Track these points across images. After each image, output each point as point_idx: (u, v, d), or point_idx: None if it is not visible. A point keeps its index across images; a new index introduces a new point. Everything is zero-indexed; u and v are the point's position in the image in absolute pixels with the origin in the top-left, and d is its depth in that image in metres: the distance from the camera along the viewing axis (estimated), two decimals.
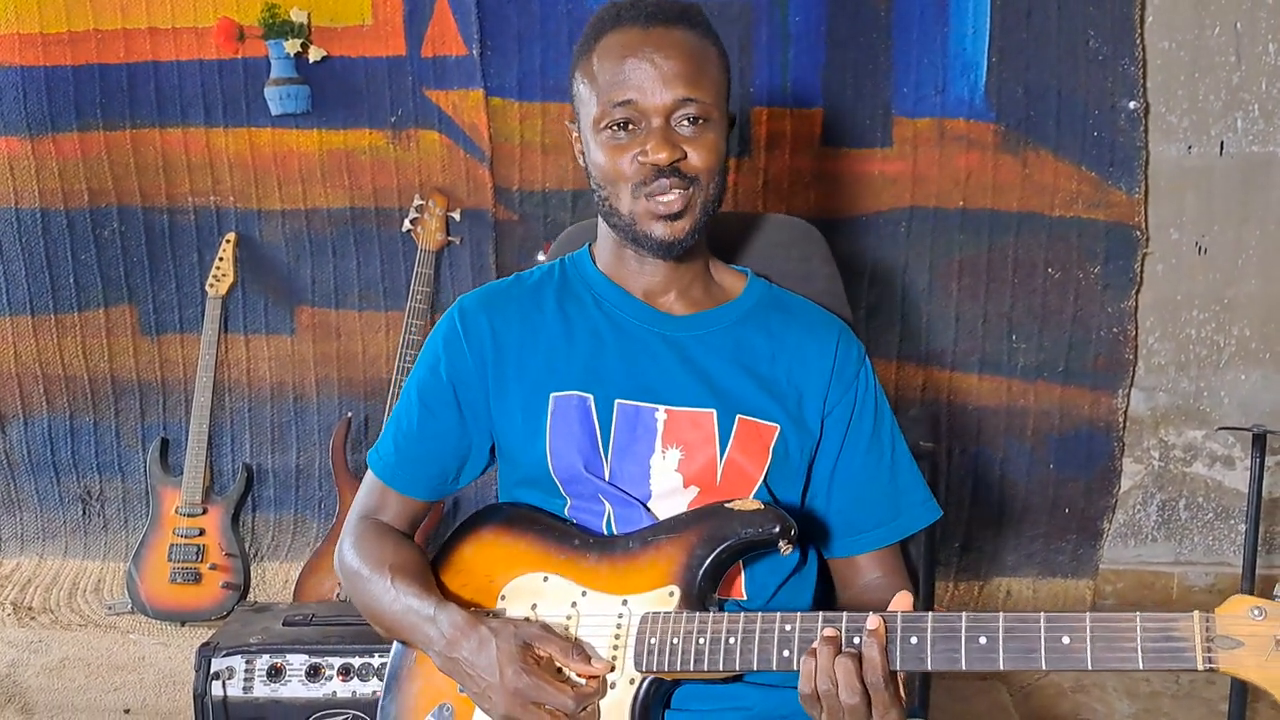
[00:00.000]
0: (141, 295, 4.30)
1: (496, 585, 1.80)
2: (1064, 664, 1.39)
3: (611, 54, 1.76)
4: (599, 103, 1.76)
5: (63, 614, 4.18)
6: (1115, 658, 1.36)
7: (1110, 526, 4.20)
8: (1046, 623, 1.40)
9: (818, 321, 1.94)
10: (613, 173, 1.77)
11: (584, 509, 1.81)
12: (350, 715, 2.80)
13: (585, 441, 1.79)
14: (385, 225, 4.19)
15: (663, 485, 1.78)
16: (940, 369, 4.11)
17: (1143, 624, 1.35)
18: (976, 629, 1.44)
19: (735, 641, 1.58)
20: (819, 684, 1.48)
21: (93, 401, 4.36)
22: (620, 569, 1.72)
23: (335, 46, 4.06)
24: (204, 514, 4.14)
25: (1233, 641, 1.29)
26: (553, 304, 1.90)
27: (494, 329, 1.87)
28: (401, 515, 1.95)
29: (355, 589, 1.85)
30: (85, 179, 4.20)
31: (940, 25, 3.95)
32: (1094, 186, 3.98)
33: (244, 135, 4.17)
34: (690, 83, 1.74)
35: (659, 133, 1.73)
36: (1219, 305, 4.08)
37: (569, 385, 1.81)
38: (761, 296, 1.94)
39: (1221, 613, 1.31)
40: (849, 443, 1.87)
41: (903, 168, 4.03)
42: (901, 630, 1.48)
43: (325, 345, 4.29)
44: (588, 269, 1.93)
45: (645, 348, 1.84)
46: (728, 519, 1.68)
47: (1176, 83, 3.97)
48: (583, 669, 1.63)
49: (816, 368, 1.87)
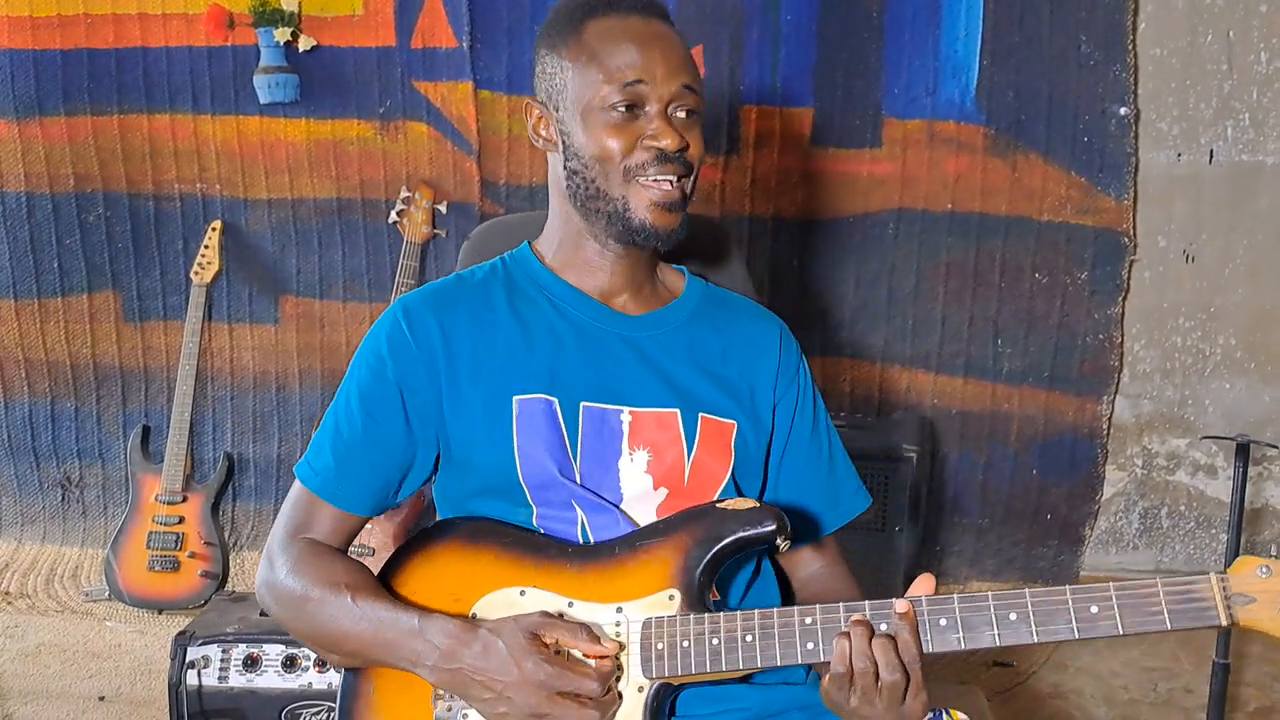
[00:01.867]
0: (126, 281, 4.28)
1: (464, 603, 1.70)
2: (1094, 632, 1.45)
3: (615, 38, 1.74)
4: (603, 83, 1.73)
5: (40, 600, 4.16)
6: (1144, 621, 1.43)
7: (1092, 533, 4.20)
8: (1073, 594, 1.46)
9: (760, 317, 1.97)
10: (605, 154, 1.73)
11: (554, 517, 1.75)
12: (325, 707, 2.79)
13: (555, 445, 1.73)
14: (371, 217, 4.18)
15: (633, 488, 1.75)
16: (925, 372, 4.10)
17: (1164, 588, 1.42)
18: (1005, 606, 1.49)
19: (753, 639, 1.57)
20: (855, 664, 1.49)
21: (74, 387, 4.34)
22: (609, 576, 1.67)
23: (325, 36, 4.05)
24: (184, 502, 4.12)
25: (1246, 598, 1.39)
26: (504, 304, 1.83)
27: (444, 330, 1.78)
28: (336, 533, 1.81)
29: (301, 614, 1.71)
30: (71, 163, 4.18)
31: (932, 27, 3.95)
32: (1083, 192, 3.98)
33: (232, 123, 4.16)
34: (689, 72, 1.76)
35: (662, 118, 1.73)
36: (1205, 314, 4.08)
37: (531, 388, 1.75)
38: (703, 294, 1.94)
39: (1233, 573, 1.41)
40: (794, 436, 1.90)
41: (891, 169, 4.03)
42: (929, 613, 1.51)
43: (309, 335, 4.27)
44: (535, 268, 1.88)
45: (605, 349, 1.81)
46: (721, 519, 1.66)
47: (1167, 90, 3.97)
48: (593, 649, 1.59)
49: (765, 363, 1.89)
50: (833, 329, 4.11)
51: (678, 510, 1.73)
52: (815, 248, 4.08)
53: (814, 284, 4.10)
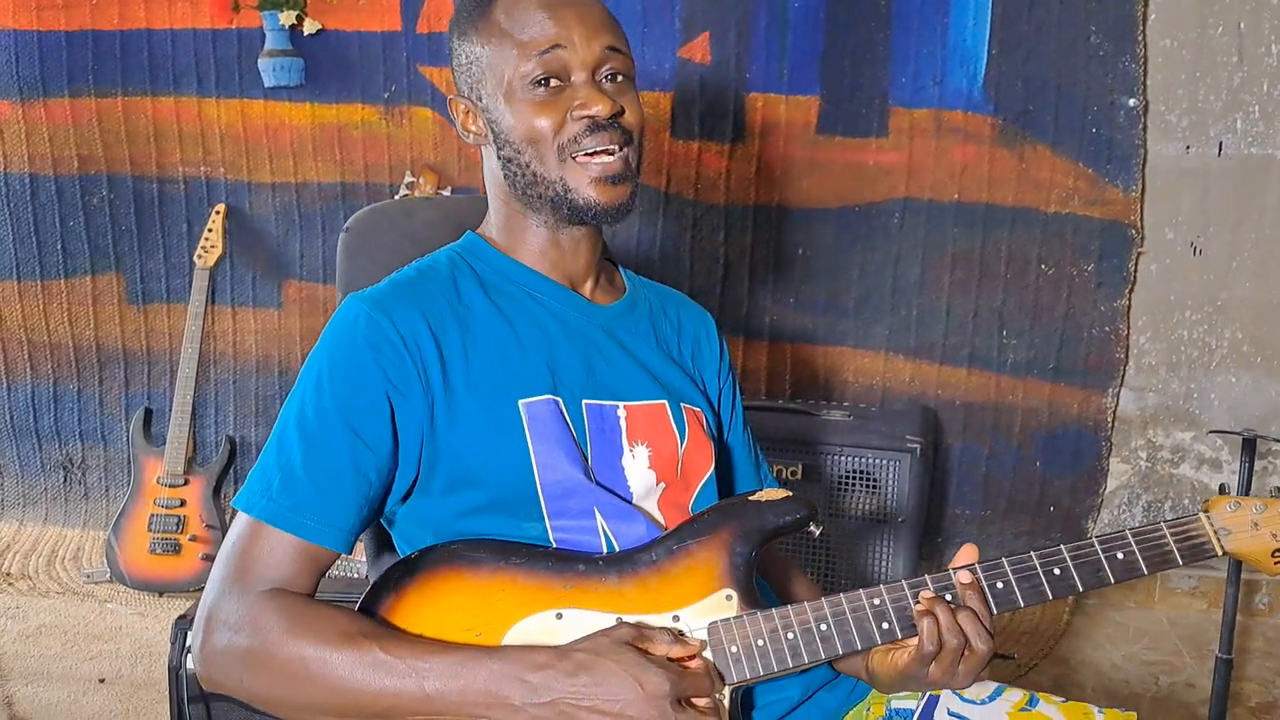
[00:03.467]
0: (129, 264, 4.28)
1: (489, 638, 1.49)
2: (1124, 575, 1.59)
3: (523, 7, 1.63)
4: (517, 58, 1.61)
5: (41, 581, 4.16)
6: (1161, 561, 1.60)
7: (1095, 526, 4.18)
8: (1100, 544, 1.60)
9: (689, 304, 1.97)
10: (534, 134, 1.61)
11: (571, 528, 1.61)
12: None
13: (571, 448, 1.62)
14: (375, 201, 4.16)
15: (640, 485, 1.68)
16: (929, 363, 4.09)
17: (1168, 530, 1.61)
18: (1049, 562, 1.59)
19: (828, 627, 1.55)
20: (947, 640, 1.51)
21: (77, 369, 4.35)
22: (653, 584, 1.56)
23: (330, 20, 4.04)
24: (185, 485, 4.12)
25: (1226, 530, 1.62)
26: (481, 299, 1.68)
27: (431, 329, 1.60)
28: (312, 578, 1.54)
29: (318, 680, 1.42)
30: (75, 145, 4.18)
31: (941, 15, 3.93)
32: (1090, 183, 3.96)
33: (236, 106, 4.16)
34: (613, 32, 1.65)
35: (589, 85, 1.62)
36: (1212, 307, 4.06)
37: (534, 390, 1.62)
38: (640, 283, 1.91)
39: (1211, 510, 1.63)
40: (733, 422, 1.93)
41: (898, 158, 4.01)
42: (985, 579, 1.58)
43: (312, 319, 4.27)
44: (495, 258, 1.74)
45: (592, 342, 1.73)
46: (758, 511, 1.61)
47: (1177, 81, 3.95)
48: (682, 651, 1.47)
49: (707, 349, 1.91)
50: (836, 318, 4.10)
51: (675, 504, 1.70)
52: (820, 237, 4.06)
53: (818, 273, 4.08)
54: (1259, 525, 1.62)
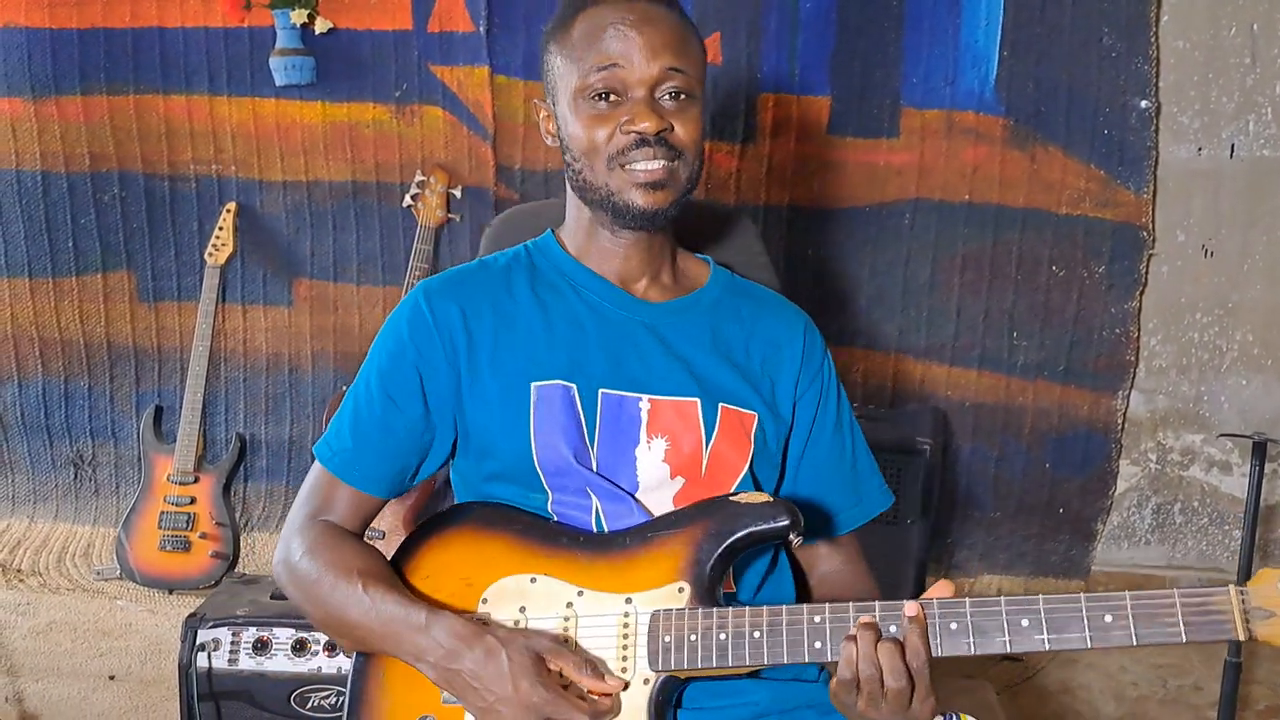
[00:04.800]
0: (140, 262, 4.28)
1: (476, 589, 1.71)
2: (1106, 642, 1.44)
3: (595, 25, 1.73)
4: (579, 72, 1.73)
5: (51, 577, 4.17)
6: (1159, 633, 1.42)
7: (1104, 528, 4.18)
8: (1087, 602, 1.45)
9: (785, 310, 1.96)
10: (590, 144, 1.73)
11: (569, 504, 1.75)
12: (334, 690, 2.79)
13: (572, 432, 1.73)
14: (386, 200, 4.18)
15: (650, 476, 1.75)
16: (939, 364, 4.09)
17: (1181, 599, 1.42)
18: (1018, 612, 1.47)
19: (761, 635, 1.56)
20: (861, 669, 1.48)
21: (88, 366, 4.35)
22: (620, 566, 1.68)
23: (342, 18, 4.04)
24: (195, 482, 4.13)
25: (1266, 612, 1.37)
26: (526, 290, 1.84)
27: (465, 316, 1.79)
28: (354, 514, 1.82)
29: (314, 598, 1.72)
30: (87, 143, 4.18)
31: (952, 16, 3.93)
32: (1102, 185, 3.95)
33: (248, 105, 4.16)
34: (677, 54, 1.72)
35: (644, 102, 1.71)
36: (1223, 309, 4.05)
37: (550, 374, 1.75)
38: (726, 284, 1.93)
39: (1254, 586, 1.39)
40: (816, 430, 1.88)
41: (909, 159, 4.01)
42: (940, 617, 1.50)
43: (322, 318, 4.27)
44: (558, 255, 1.88)
45: (627, 336, 1.81)
46: (734, 513, 1.65)
47: (1189, 83, 3.95)
48: (597, 685, 1.58)
49: (788, 355, 1.88)
50: (847, 319, 4.10)
51: (695, 500, 1.73)
52: (831, 237, 4.06)
53: (829, 273, 4.08)
54: None
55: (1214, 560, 4.18)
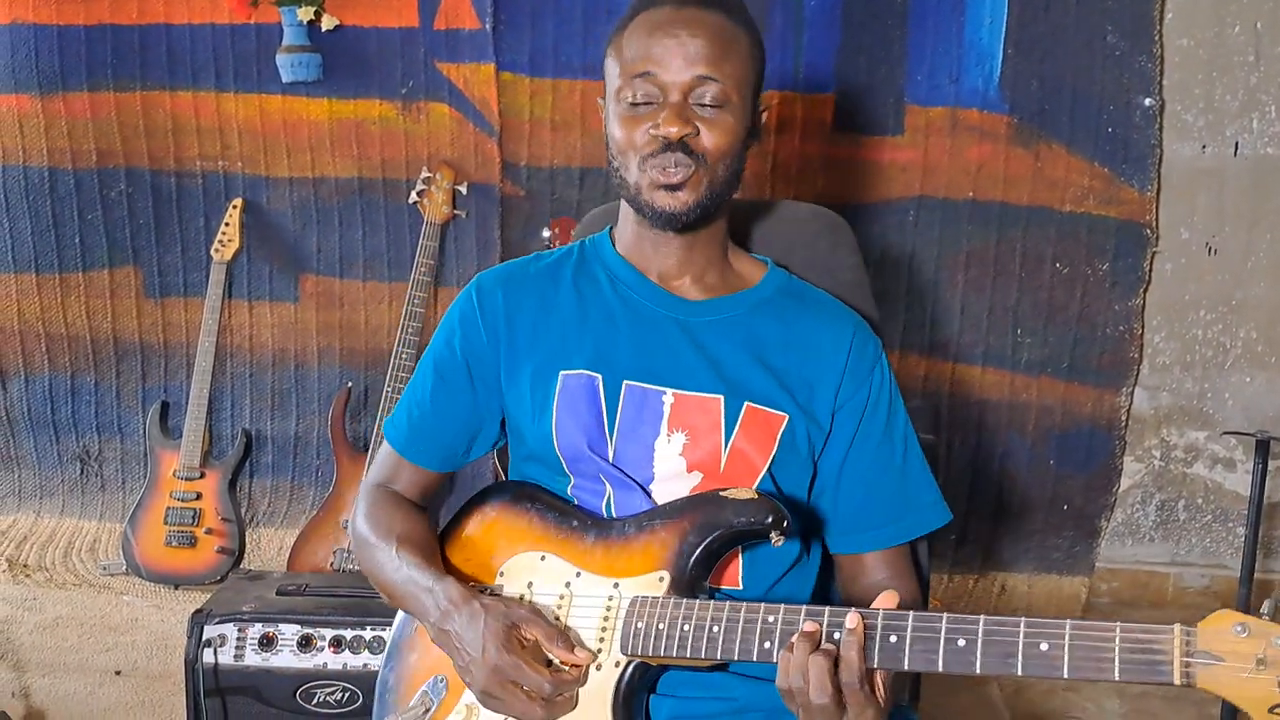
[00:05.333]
0: (146, 257, 4.29)
1: (496, 562, 1.82)
2: (1040, 670, 1.37)
3: (641, 30, 1.77)
4: (620, 74, 1.78)
5: (57, 572, 4.18)
6: (1092, 667, 1.34)
7: (1108, 525, 4.19)
8: (1026, 628, 1.38)
9: (834, 314, 1.93)
10: (625, 143, 1.77)
11: (586, 489, 1.82)
12: (340, 686, 2.80)
13: (591, 421, 1.79)
14: (392, 196, 4.19)
15: (666, 469, 1.78)
16: (943, 360, 4.09)
17: (1122, 634, 1.33)
18: (956, 631, 1.43)
19: (719, 630, 1.57)
20: (791, 680, 1.48)
21: (94, 362, 4.36)
22: (614, 552, 1.73)
23: (348, 15, 4.05)
24: (201, 478, 4.14)
25: (1212, 657, 1.26)
26: (569, 283, 1.91)
27: (508, 306, 1.89)
28: (413, 485, 1.98)
29: (363, 556, 1.89)
30: (94, 139, 4.18)
31: (957, 14, 3.93)
32: (1106, 183, 3.96)
33: (254, 101, 4.16)
34: (712, 63, 1.74)
35: (674, 107, 1.73)
36: (1226, 307, 4.06)
37: (578, 364, 1.82)
38: (779, 286, 1.93)
39: (1204, 627, 1.29)
40: (859, 439, 1.85)
41: (913, 156, 4.01)
42: (881, 628, 1.47)
43: (328, 314, 4.28)
44: (606, 251, 1.94)
45: (657, 330, 1.84)
46: (721, 507, 1.67)
47: (1194, 81, 3.95)
48: (565, 656, 1.63)
49: (830, 360, 1.85)
50: None
51: None
52: None
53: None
54: (1268, 664, 1.25)
55: (1218, 557, 4.19)
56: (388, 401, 3.93)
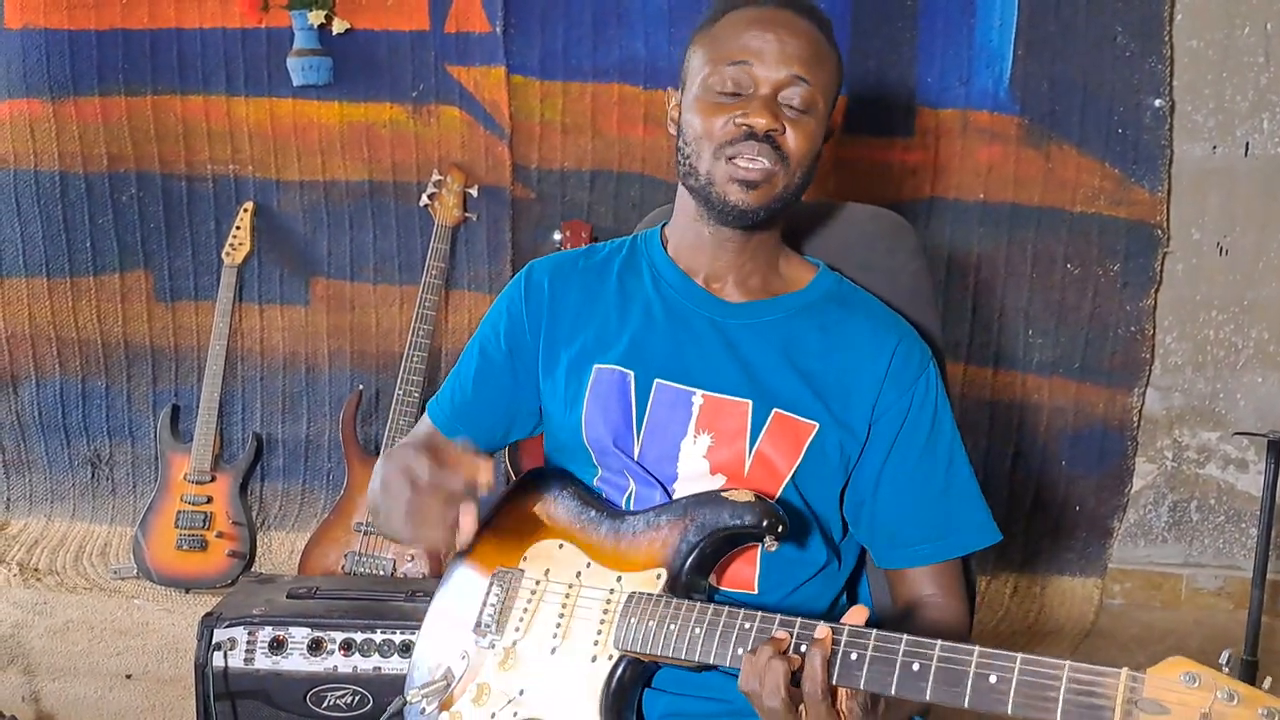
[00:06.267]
0: (157, 261, 4.30)
1: (523, 546, 1.83)
2: (985, 704, 1.33)
3: (738, 23, 1.77)
4: (711, 62, 1.76)
5: (68, 576, 4.19)
6: (1034, 705, 1.29)
7: (1120, 526, 4.18)
8: (979, 658, 1.34)
9: (879, 322, 1.87)
10: (703, 130, 1.74)
11: (611, 482, 1.84)
12: (350, 690, 2.80)
13: (619, 417, 1.80)
14: (403, 199, 4.19)
15: (690, 469, 1.77)
16: (954, 362, 4.08)
17: (1070, 674, 1.28)
18: (913, 654, 1.39)
19: (700, 632, 1.57)
20: (749, 683, 1.47)
21: (105, 365, 4.36)
22: (623, 546, 1.74)
23: (359, 19, 4.06)
24: (212, 482, 4.15)
25: (1158, 707, 1.20)
26: (614, 278, 1.91)
27: (553, 295, 1.91)
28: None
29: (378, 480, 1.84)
30: (105, 143, 4.20)
31: (967, 16, 3.93)
32: (1116, 183, 3.95)
33: (265, 105, 4.17)
34: (807, 65, 1.74)
35: (764, 99, 1.72)
36: (1238, 307, 4.05)
37: (613, 359, 1.82)
38: (827, 291, 1.89)
39: (1154, 673, 1.23)
40: (898, 450, 1.80)
41: (924, 158, 4.01)
42: (845, 644, 1.44)
43: (339, 317, 4.29)
44: (655, 247, 1.93)
45: (692, 331, 1.83)
46: (719, 508, 1.67)
47: (1203, 82, 3.95)
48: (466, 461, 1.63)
49: (869, 368, 1.80)
50: None
51: None
52: None
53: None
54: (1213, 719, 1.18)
55: (1230, 558, 4.18)
56: (399, 405, 3.92)
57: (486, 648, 1.74)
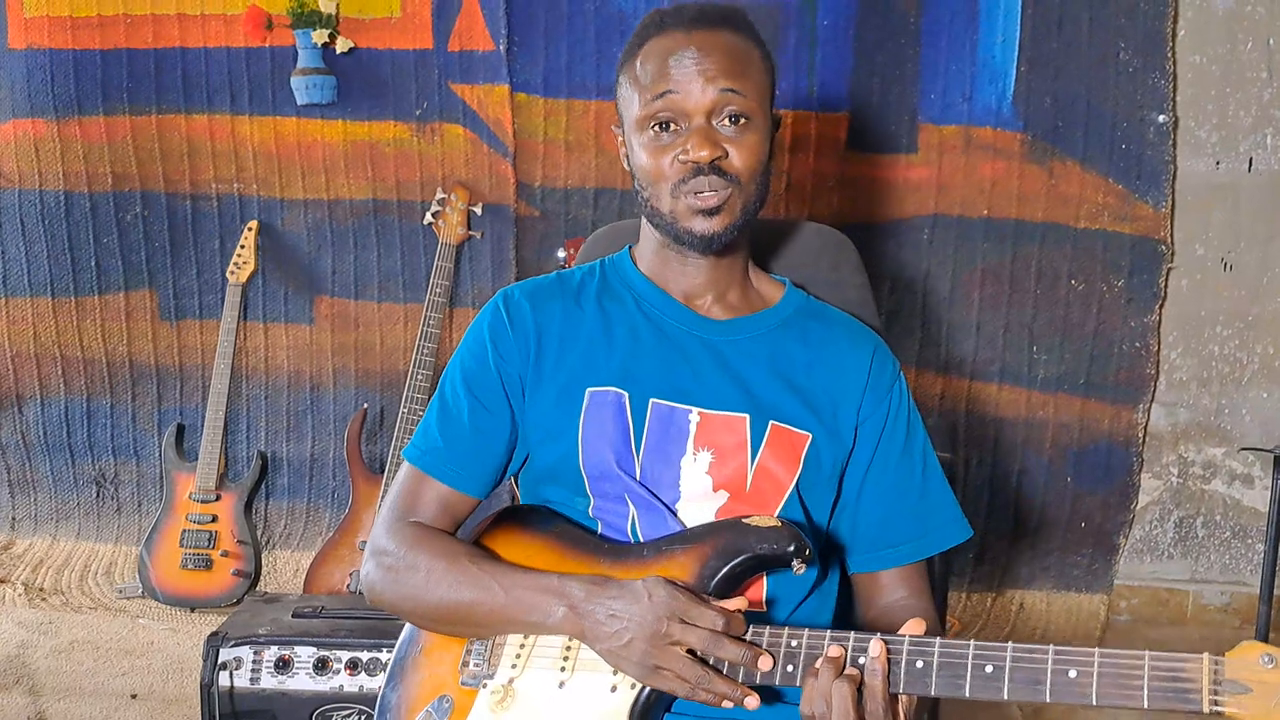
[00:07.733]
0: (162, 280, 4.30)
1: None
2: (1068, 697, 1.37)
3: (654, 55, 1.77)
4: (641, 101, 1.77)
5: (73, 596, 4.18)
6: (1120, 694, 1.35)
7: (1126, 542, 4.17)
8: (1055, 655, 1.39)
9: (855, 333, 1.94)
10: (654, 173, 1.77)
11: (608, 510, 1.80)
12: (356, 710, 2.80)
13: (618, 438, 1.78)
14: (407, 218, 4.19)
15: (692, 488, 1.77)
16: (959, 378, 4.09)
17: (1151, 663, 1.34)
18: (983, 657, 1.43)
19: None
20: (815, 706, 1.47)
21: (110, 384, 4.37)
22: (635, 576, 1.67)
23: (363, 38, 4.06)
24: (217, 500, 4.15)
25: (1241, 687, 1.28)
26: (593, 302, 1.90)
27: (537, 321, 1.86)
28: (444, 513, 1.86)
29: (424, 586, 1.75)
30: (110, 163, 4.20)
31: (970, 32, 3.93)
32: (1120, 199, 3.95)
33: (269, 124, 4.18)
34: (732, 76, 1.74)
35: (700, 131, 1.73)
36: (1243, 323, 4.05)
37: (605, 381, 1.81)
38: (799, 306, 1.94)
39: (1232, 657, 1.31)
40: (879, 456, 1.86)
41: (927, 174, 4.01)
42: (907, 654, 1.47)
43: (344, 335, 4.29)
44: (628, 270, 1.94)
45: (683, 350, 1.84)
46: (743, 533, 1.67)
47: (1206, 97, 3.95)
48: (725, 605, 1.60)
49: (852, 378, 1.86)
50: None
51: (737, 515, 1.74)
52: None
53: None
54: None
55: (1237, 574, 4.17)
56: (404, 423, 3.92)
57: (477, 688, 1.70)
